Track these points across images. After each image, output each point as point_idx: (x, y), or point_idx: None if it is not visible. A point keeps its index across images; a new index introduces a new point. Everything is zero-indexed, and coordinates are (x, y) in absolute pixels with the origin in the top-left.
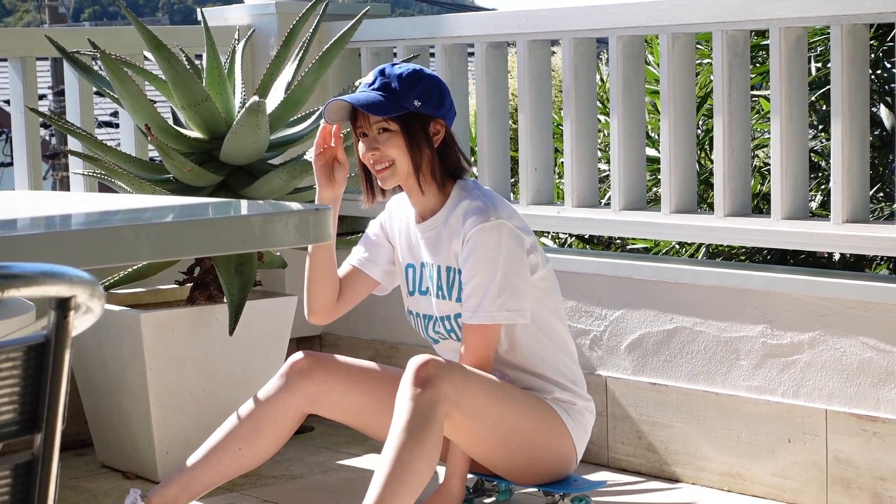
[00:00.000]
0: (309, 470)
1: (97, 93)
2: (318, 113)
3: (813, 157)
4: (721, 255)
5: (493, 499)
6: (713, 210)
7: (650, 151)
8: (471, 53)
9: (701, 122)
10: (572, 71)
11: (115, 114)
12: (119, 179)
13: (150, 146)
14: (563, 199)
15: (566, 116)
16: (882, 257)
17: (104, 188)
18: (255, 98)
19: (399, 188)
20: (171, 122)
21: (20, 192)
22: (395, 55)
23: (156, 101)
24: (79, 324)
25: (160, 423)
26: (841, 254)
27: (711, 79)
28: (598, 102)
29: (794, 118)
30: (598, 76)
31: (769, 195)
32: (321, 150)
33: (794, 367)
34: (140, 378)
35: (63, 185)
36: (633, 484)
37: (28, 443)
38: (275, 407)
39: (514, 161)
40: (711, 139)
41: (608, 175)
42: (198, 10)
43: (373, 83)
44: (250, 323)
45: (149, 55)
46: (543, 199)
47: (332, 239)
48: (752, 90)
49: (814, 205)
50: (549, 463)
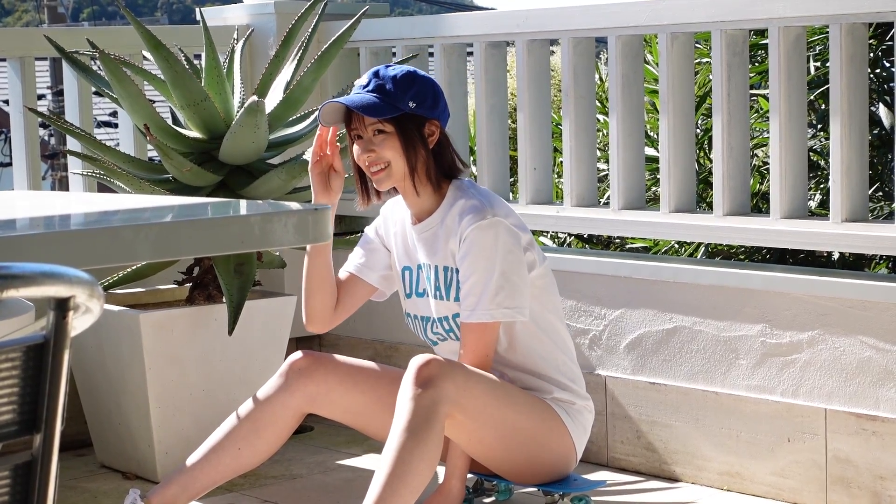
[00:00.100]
0: (308, 470)
1: (96, 93)
2: (315, 114)
3: (812, 157)
4: (720, 254)
5: (493, 498)
6: (712, 209)
7: (649, 151)
8: (470, 53)
9: (700, 121)
10: (571, 70)
11: (114, 114)
12: (118, 179)
13: (149, 146)
14: (562, 198)
15: (565, 116)
16: (881, 256)
17: (103, 188)
18: (254, 98)
19: (394, 190)
20: (170, 121)
21: (19, 192)
22: (394, 55)
23: (155, 101)
24: (78, 324)
25: (159, 424)
26: (840, 253)
27: (710, 78)
28: (597, 102)
29: (794, 117)
30: (597, 76)
31: (768, 194)
32: (318, 159)
33: (794, 367)
34: (139, 378)
35: (62, 185)
36: (632, 483)
37: (27, 443)
38: (274, 407)
39: (513, 160)
40: (710, 138)
41: (607, 174)
42: (196, 9)
43: (367, 85)
44: (249, 323)
45: (148, 55)
46: (542, 199)
47: (330, 238)
48: (752, 89)
49: (813, 204)
50: (548, 462)
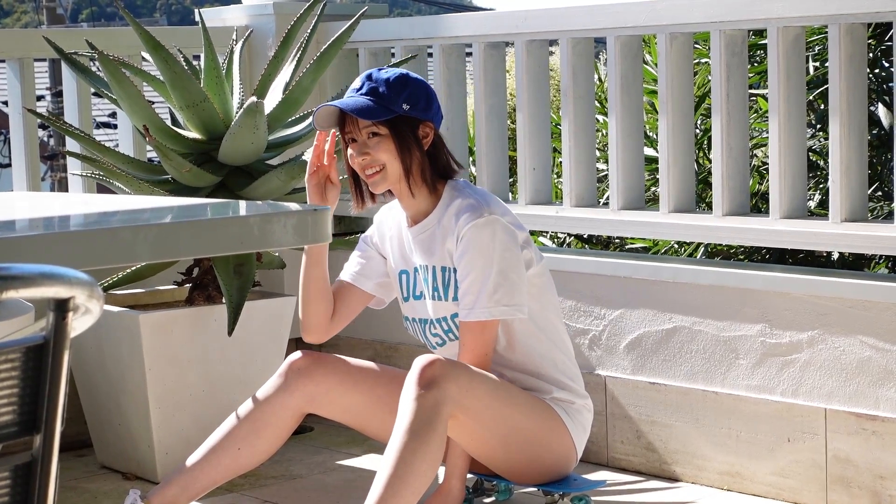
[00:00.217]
0: (308, 470)
1: (95, 94)
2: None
3: (811, 157)
4: (720, 254)
5: (493, 498)
6: (712, 209)
7: (648, 151)
8: (469, 53)
9: (699, 121)
10: (570, 71)
11: (114, 115)
12: (117, 180)
13: (149, 147)
14: (561, 198)
15: (564, 116)
16: (881, 256)
17: (102, 189)
18: (253, 99)
19: (389, 193)
20: (169, 122)
21: (18, 193)
22: (393, 55)
23: (154, 102)
24: (77, 325)
25: (159, 424)
26: (840, 253)
27: (709, 78)
28: (596, 102)
29: (793, 117)
30: (596, 76)
31: (768, 194)
32: (314, 170)
33: (794, 367)
34: (139, 379)
35: (61, 186)
36: (632, 483)
37: (27, 444)
38: (274, 407)
39: (512, 161)
40: (710, 138)
41: (607, 175)
42: (195, 10)
43: (360, 88)
44: (249, 323)
45: (147, 56)
46: (542, 199)
47: (330, 239)
48: (751, 89)
49: (812, 204)
50: (549, 462)
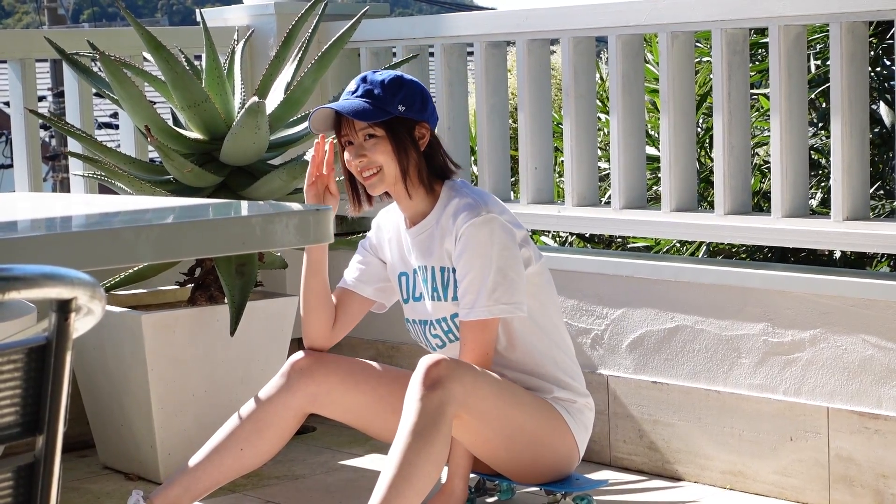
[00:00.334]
0: (311, 470)
1: (97, 94)
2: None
3: (813, 155)
4: (721, 253)
5: (495, 498)
6: (713, 208)
7: (650, 150)
8: (470, 53)
9: (701, 120)
10: (572, 70)
11: (115, 115)
12: (119, 181)
13: (150, 147)
14: (563, 198)
15: (566, 115)
16: (883, 255)
17: (104, 189)
18: (255, 99)
19: (386, 196)
20: (170, 123)
21: (20, 194)
22: (394, 55)
23: (155, 103)
24: (80, 325)
25: (162, 424)
26: (842, 251)
27: (711, 77)
28: (597, 101)
29: (794, 116)
30: (597, 75)
31: (769, 193)
32: (313, 181)
33: (796, 365)
34: (141, 379)
35: (63, 186)
36: (635, 483)
37: (30, 445)
38: (276, 407)
39: (514, 160)
40: (711, 137)
41: (608, 174)
42: (197, 10)
43: (355, 91)
44: (251, 323)
45: (148, 56)
46: (544, 199)
47: (332, 239)
48: (752, 88)
49: (814, 202)
50: (552, 462)
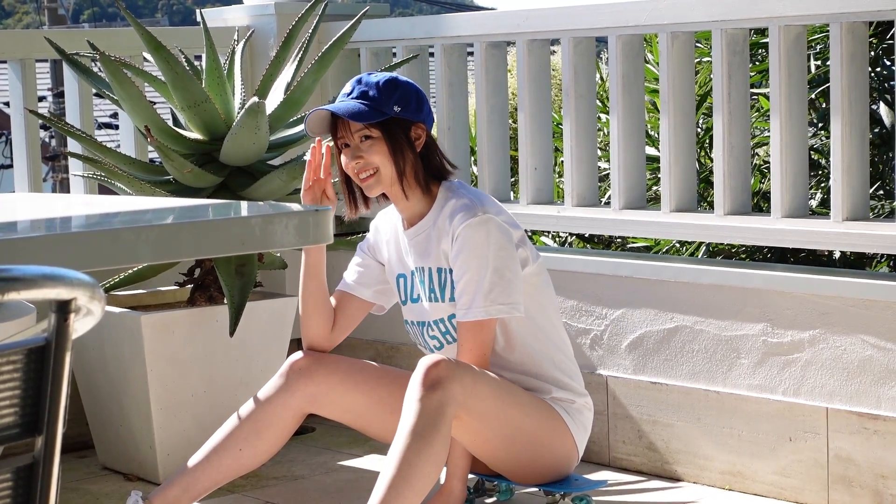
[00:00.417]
0: (310, 471)
1: (97, 94)
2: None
3: (813, 155)
4: (721, 253)
5: (494, 499)
6: (713, 209)
7: (650, 150)
8: (470, 53)
9: (701, 120)
10: (572, 70)
11: (115, 115)
12: (119, 181)
13: (150, 148)
14: (563, 198)
15: (566, 115)
16: (882, 255)
17: (104, 190)
18: (255, 99)
19: (383, 198)
20: (170, 123)
21: (20, 195)
22: (394, 55)
23: (155, 103)
24: (79, 326)
25: (161, 425)
26: (841, 252)
27: (711, 77)
28: (597, 101)
29: (794, 116)
30: (597, 75)
31: (769, 193)
32: (309, 186)
33: (795, 366)
34: (141, 379)
35: (63, 186)
36: (634, 483)
37: (29, 445)
38: (275, 407)
39: (514, 160)
40: (711, 138)
41: (608, 174)
42: (197, 10)
43: (351, 93)
44: (251, 324)
45: (148, 56)
46: (543, 199)
47: (331, 240)
48: (752, 88)
49: (814, 203)
50: (551, 462)
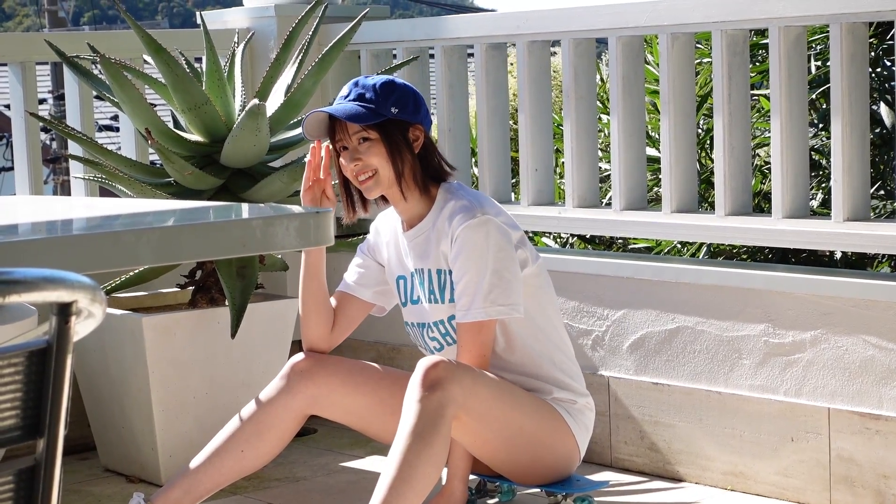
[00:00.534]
0: (312, 472)
1: (97, 97)
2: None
3: (813, 156)
4: (722, 254)
5: (496, 500)
6: (714, 209)
7: (651, 151)
8: (471, 55)
9: (701, 121)
10: (572, 71)
11: (116, 117)
12: (120, 183)
13: (151, 150)
14: (564, 199)
15: (566, 117)
16: (883, 255)
17: (105, 192)
18: (255, 101)
19: (382, 201)
20: (171, 125)
21: (21, 197)
22: (394, 57)
23: (156, 105)
24: (80, 329)
25: (163, 427)
26: (842, 252)
27: (711, 78)
28: (598, 102)
29: (795, 117)
30: (598, 76)
31: (770, 194)
32: (309, 185)
33: (797, 366)
34: (142, 381)
35: (64, 189)
36: (636, 484)
37: (31, 448)
38: (276, 408)
39: (514, 162)
40: (712, 138)
41: (609, 175)
42: (197, 13)
43: (348, 95)
44: (252, 326)
45: (148, 59)
46: (544, 200)
47: (331, 242)
48: (752, 89)
49: (815, 203)
50: (552, 463)
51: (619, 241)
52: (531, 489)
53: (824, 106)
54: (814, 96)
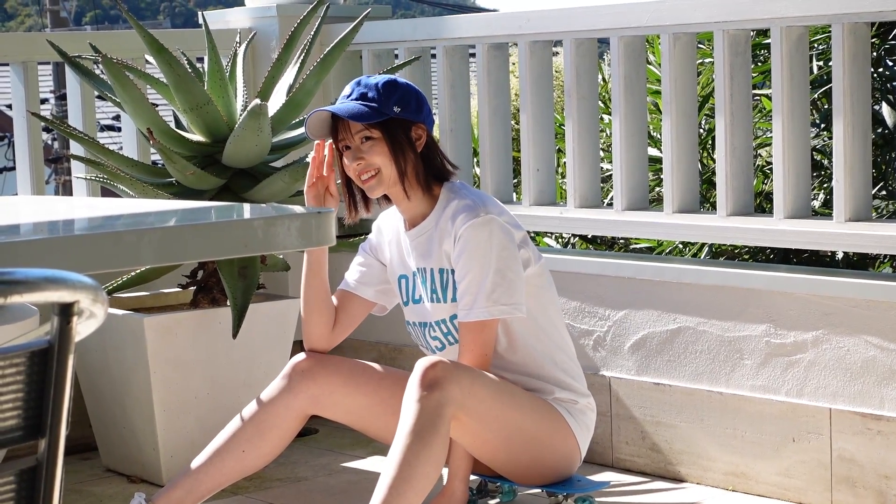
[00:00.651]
0: (313, 472)
1: (99, 97)
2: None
3: (815, 156)
4: (724, 254)
5: (497, 500)
6: (716, 209)
7: (652, 151)
8: (472, 55)
9: (703, 121)
10: (574, 71)
11: (117, 117)
12: (121, 183)
13: (153, 150)
14: (565, 199)
15: (568, 117)
16: (885, 255)
17: (107, 192)
18: (257, 101)
19: (385, 200)
20: (172, 125)
21: (23, 197)
22: (396, 57)
23: (158, 105)
24: (82, 329)
25: (164, 427)
26: (844, 252)
27: (713, 78)
28: (599, 102)
29: (796, 117)
30: (599, 76)
31: (771, 194)
32: (313, 182)
33: (798, 367)
34: (144, 382)
35: (66, 189)
36: (637, 484)
37: (32, 448)
38: (277, 408)
39: (516, 162)
40: (713, 139)
41: (610, 175)
42: (199, 13)
43: (350, 94)
44: (253, 326)
45: (150, 59)
46: (546, 200)
47: (333, 242)
48: (754, 89)
49: (816, 203)
50: (553, 463)
51: (621, 241)
52: (532, 489)
53: (826, 106)
54: (815, 96)
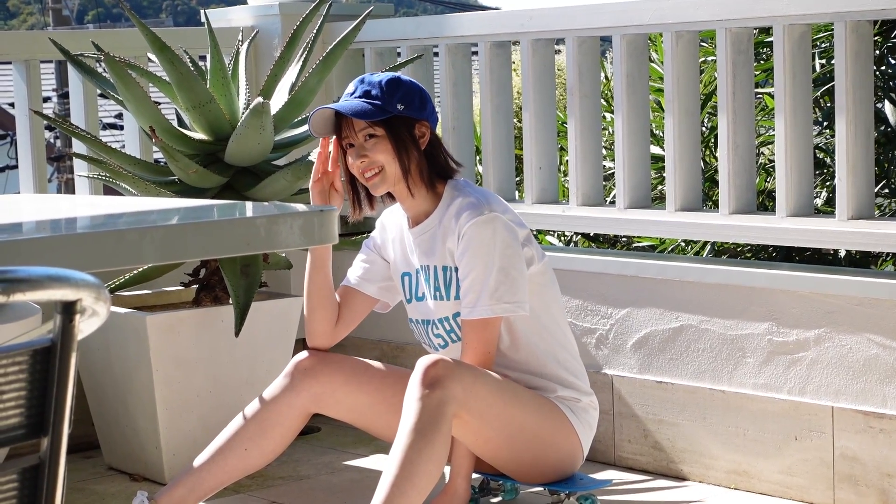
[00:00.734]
0: (316, 470)
1: (101, 95)
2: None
3: (818, 154)
4: (726, 252)
5: (499, 498)
6: (718, 208)
7: (655, 149)
8: (475, 53)
9: (705, 119)
10: (576, 69)
11: (120, 116)
12: (124, 181)
13: (155, 148)
14: (567, 197)
15: (570, 115)
16: (888, 254)
17: (109, 190)
18: (259, 99)
19: (389, 198)
20: (175, 123)
21: (25, 195)
22: (398, 55)
23: (160, 103)
24: (84, 327)
25: (167, 425)
26: (847, 250)
27: (715, 76)
28: (602, 101)
29: (799, 115)
30: (602, 74)
31: (774, 192)
32: (319, 177)
33: (801, 365)
34: (146, 380)
35: (68, 187)
36: (639, 482)
37: (35, 446)
38: (280, 406)
39: (518, 160)
40: (716, 137)
41: (613, 173)
42: (201, 11)
43: (354, 92)
44: (256, 324)
45: (153, 57)
46: (548, 198)
47: (336, 240)
48: (757, 87)
49: (819, 202)
50: (555, 461)
51: (623, 239)
52: (534, 488)
53: (828, 104)
54: (818, 94)
